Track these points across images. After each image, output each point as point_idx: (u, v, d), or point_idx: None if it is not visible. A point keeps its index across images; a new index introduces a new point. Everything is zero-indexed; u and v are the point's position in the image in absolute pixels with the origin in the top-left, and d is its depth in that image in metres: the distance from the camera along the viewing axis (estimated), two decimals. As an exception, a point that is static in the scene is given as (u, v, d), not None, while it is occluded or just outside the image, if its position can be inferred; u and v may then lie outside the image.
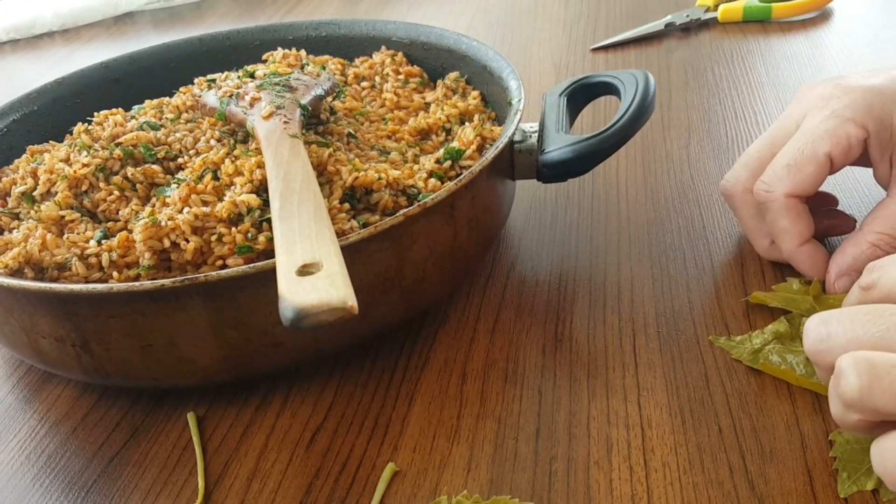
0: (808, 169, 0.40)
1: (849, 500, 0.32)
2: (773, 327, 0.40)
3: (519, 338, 0.43)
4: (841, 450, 0.34)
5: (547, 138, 0.46)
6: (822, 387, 0.37)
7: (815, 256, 0.42)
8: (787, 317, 0.40)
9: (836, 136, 0.40)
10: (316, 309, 0.29)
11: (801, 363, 0.38)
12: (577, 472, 0.35)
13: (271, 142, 0.41)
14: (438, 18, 0.91)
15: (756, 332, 0.40)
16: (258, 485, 0.37)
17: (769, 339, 0.39)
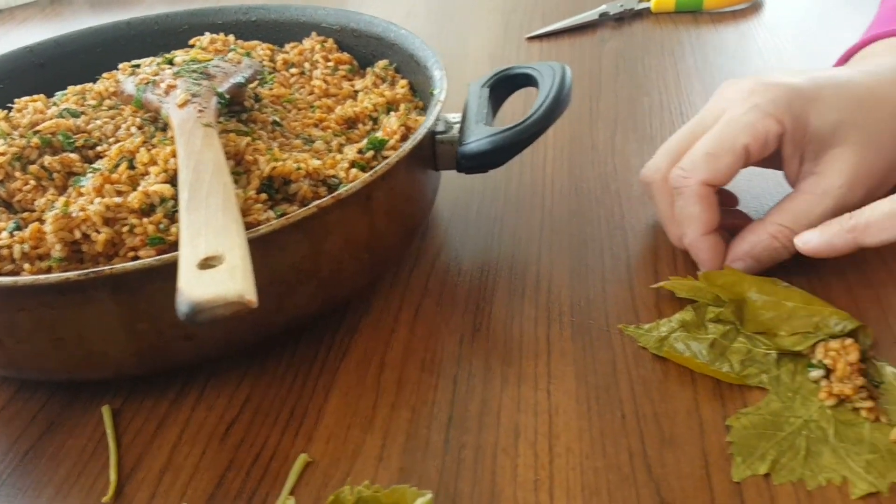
0: (725, 159, 0.41)
1: (742, 483, 0.33)
2: (680, 316, 0.41)
3: (439, 327, 0.44)
4: (737, 435, 0.35)
5: (467, 130, 0.47)
6: (722, 373, 0.38)
7: (716, 247, 0.43)
8: (694, 306, 0.41)
9: (755, 129, 0.41)
10: (211, 303, 0.29)
11: (704, 350, 0.39)
12: (484, 458, 0.36)
13: (184, 131, 0.41)
14: (379, 5, 0.91)
15: (664, 320, 0.41)
16: (170, 477, 0.37)
17: (675, 328, 0.40)
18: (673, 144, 0.45)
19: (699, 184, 0.41)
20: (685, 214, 0.42)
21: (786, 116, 0.41)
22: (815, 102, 0.41)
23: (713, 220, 0.42)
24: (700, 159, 0.41)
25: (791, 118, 0.41)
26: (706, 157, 0.41)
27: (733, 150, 0.41)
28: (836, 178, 0.41)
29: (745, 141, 0.41)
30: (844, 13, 0.76)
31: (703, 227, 0.42)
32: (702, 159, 0.41)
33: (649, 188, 0.46)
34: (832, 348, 0.37)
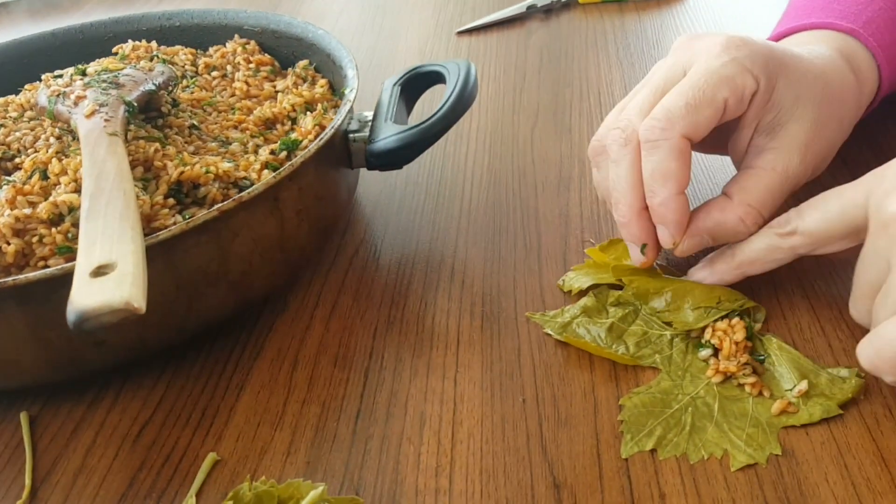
0: (706, 112, 0.38)
1: (629, 460, 0.35)
2: (583, 302, 0.42)
3: (353, 323, 0.45)
4: (628, 413, 0.37)
5: (376, 128, 0.48)
6: (617, 356, 0.39)
7: (686, 210, 0.40)
8: (595, 291, 0.43)
9: (735, 83, 0.39)
10: (97, 311, 0.29)
11: (602, 334, 0.40)
12: (389, 448, 0.37)
13: (89, 141, 0.41)
14: (314, 1, 0.91)
15: (568, 306, 0.43)
16: (84, 480, 0.37)
17: (578, 314, 0.42)
18: (646, 102, 0.41)
19: (680, 136, 0.38)
20: (661, 170, 0.39)
21: (762, 75, 0.39)
22: (785, 69, 0.41)
23: (688, 178, 0.39)
24: (680, 110, 0.38)
25: (765, 78, 0.39)
26: (686, 108, 0.38)
27: (713, 103, 0.38)
28: (795, 156, 0.40)
29: (725, 94, 0.39)
30: (764, 1, 0.78)
31: (680, 184, 0.39)
32: (682, 110, 0.38)
33: (601, 156, 0.42)
34: (719, 328, 0.39)
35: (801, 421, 0.35)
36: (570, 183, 0.54)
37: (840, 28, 0.47)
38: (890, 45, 0.47)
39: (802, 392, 0.36)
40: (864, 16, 0.47)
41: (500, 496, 0.34)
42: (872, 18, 0.47)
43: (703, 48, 0.41)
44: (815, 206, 0.37)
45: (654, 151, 0.39)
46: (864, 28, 0.47)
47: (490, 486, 0.35)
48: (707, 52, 0.40)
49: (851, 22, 0.47)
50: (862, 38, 0.46)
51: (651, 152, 0.39)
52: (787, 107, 0.41)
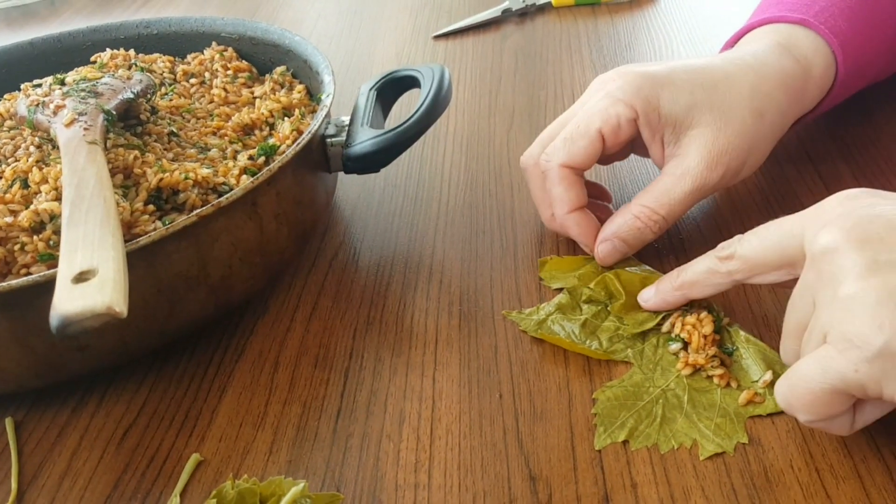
0: (581, 142, 0.44)
1: (602, 451, 0.36)
2: (558, 299, 0.44)
3: (333, 324, 0.46)
4: (601, 406, 0.38)
5: (353, 132, 0.48)
6: (591, 351, 0.41)
7: (583, 223, 0.46)
8: (569, 289, 0.44)
9: (607, 114, 0.44)
10: (80, 316, 0.30)
11: (576, 330, 0.42)
12: (369, 445, 0.38)
13: (69, 149, 0.42)
14: (291, 7, 0.92)
15: (544, 304, 0.44)
16: (69, 482, 0.38)
17: (553, 311, 0.43)
18: (545, 133, 0.48)
19: (559, 166, 0.45)
20: (553, 195, 0.46)
21: (636, 100, 0.43)
22: (667, 87, 0.44)
23: (577, 198, 0.45)
24: (559, 144, 0.45)
25: (641, 102, 0.44)
26: (564, 142, 0.45)
27: (588, 134, 0.44)
28: (694, 159, 0.44)
29: (597, 125, 0.44)
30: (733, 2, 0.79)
31: (568, 205, 0.45)
32: (561, 143, 0.45)
33: (525, 173, 0.49)
34: (689, 322, 0.40)
35: (767, 410, 0.37)
36: (545, 183, 0.55)
37: (788, 20, 0.49)
38: (845, 31, 0.48)
39: (768, 382, 0.37)
40: (815, 6, 0.49)
41: (478, 489, 0.35)
42: (825, 7, 0.49)
43: (593, 87, 0.47)
44: (755, 233, 0.37)
45: (546, 179, 0.46)
46: (815, 17, 0.48)
47: (468, 479, 0.36)
48: (593, 91, 0.46)
49: (802, 13, 0.49)
50: (812, 25, 0.48)
51: (546, 180, 0.46)
52: (680, 118, 0.44)
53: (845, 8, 0.49)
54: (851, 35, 0.49)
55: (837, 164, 0.53)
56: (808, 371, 0.31)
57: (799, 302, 0.34)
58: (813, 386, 0.31)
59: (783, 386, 0.33)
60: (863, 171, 0.52)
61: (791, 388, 0.32)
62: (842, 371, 0.30)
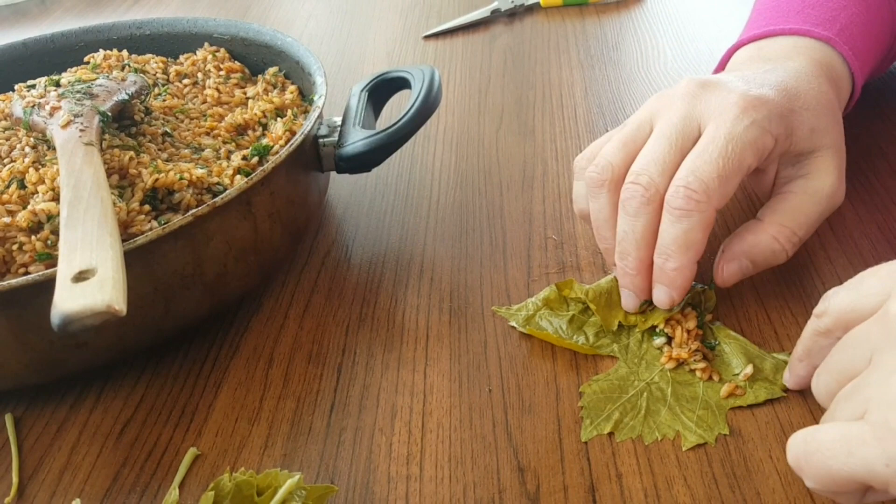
0: (735, 181, 0.39)
1: (588, 443, 0.37)
2: (545, 294, 0.44)
3: (326, 321, 0.47)
4: (588, 399, 0.39)
5: (345, 133, 0.49)
6: (578, 346, 0.42)
7: (693, 276, 0.40)
8: (558, 283, 0.45)
9: (757, 148, 0.39)
10: (81, 314, 0.31)
11: (563, 325, 0.43)
12: (362, 439, 0.39)
13: (66, 150, 0.43)
14: (282, 7, 0.93)
15: (531, 299, 0.45)
16: (69, 477, 0.39)
17: (540, 306, 0.44)
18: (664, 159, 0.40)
19: (713, 210, 0.39)
20: (686, 239, 0.39)
21: (780, 132, 0.40)
22: (795, 114, 0.41)
23: (704, 247, 0.40)
24: (713, 181, 0.38)
25: (784, 133, 0.41)
26: (719, 180, 0.38)
27: (741, 171, 0.39)
28: (825, 179, 0.42)
29: (750, 161, 0.39)
30: (721, 3, 0.81)
31: (698, 253, 0.39)
32: (715, 181, 0.38)
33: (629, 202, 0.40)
34: (673, 318, 0.41)
35: (747, 402, 0.38)
36: (534, 182, 0.56)
37: (817, 36, 0.47)
38: (862, 52, 0.48)
39: (749, 376, 0.39)
40: (838, 23, 0.48)
41: (468, 480, 0.36)
42: (846, 26, 0.48)
43: (717, 107, 0.40)
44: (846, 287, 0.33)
45: (683, 220, 0.39)
46: (839, 35, 0.47)
47: (458, 471, 0.37)
48: (725, 114, 0.40)
49: (827, 30, 0.47)
50: (837, 45, 0.47)
51: (680, 220, 0.39)
52: (805, 143, 0.42)
53: (860, 26, 0.49)
54: (865, 55, 0.49)
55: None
56: (831, 445, 0.28)
57: (855, 348, 0.30)
58: (832, 464, 0.28)
59: (799, 445, 0.29)
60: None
61: (807, 456, 0.29)
62: (871, 461, 0.26)
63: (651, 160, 0.40)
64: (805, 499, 0.34)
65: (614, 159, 0.42)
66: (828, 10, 0.49)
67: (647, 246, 0.40)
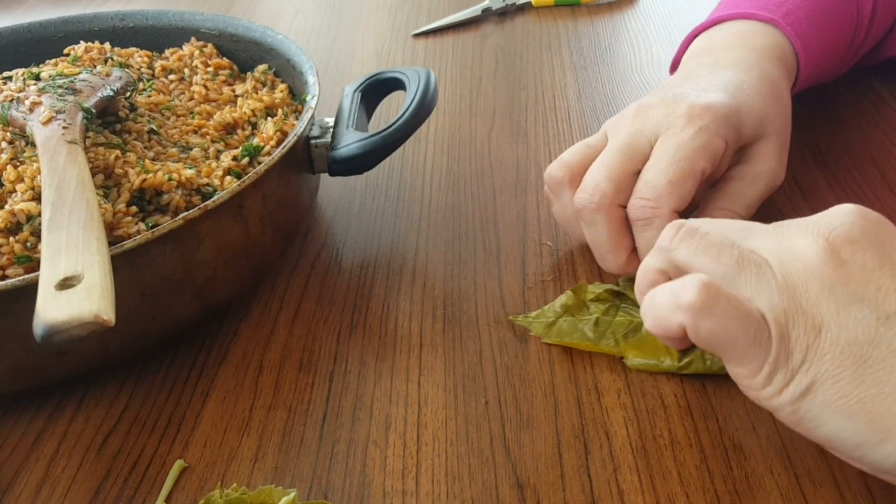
0: (688, 185, 0.41)
1: (589, 459, 0.36)
2: (563, 300, 0.43)
3: (317, 327, 0.45)
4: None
5: (338, 135, 0.48)
6: (610, 349, 0.41)
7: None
8: (573, 288, 0.44)
9: (708, 152, 0.41)
10: (66, 325, 0.29)
11: (589, 329, 0.42)
12: (356, 451, 0.38)
13: (48, 148, 0.41)
14: (268, 2, 0.91)
15: (548, 306, 0.44)
16: (47, 491, 0.37)
17: (560, 312, 0.43)
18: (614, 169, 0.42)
19: (671, 213, 0.40)
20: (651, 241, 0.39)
21: (730, 133, 0.42)
22: (742, 111, 0.43)
23: None
24: (664, 188, 0.40)
25: (733, 134, 0.43)
26: (670, 185, 0.40)
27: (693, 175, 0.41)
28: (766, 163, 0.44)
29: (702, 165, 0.41)
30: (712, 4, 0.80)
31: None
32: (666, 187, 0.40)
33: (595, 214, 0.42)
34: None
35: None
36: (528, 186, 0.55)
37: (761, 18, 0.50)
38: (807, 34, 0.50)
39: None
40: (784, 7, 0.51)
41: (466, 497, 0.35)
42: (792, 10, 0.51)
43: (665, 119, 0.42)
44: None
45: (646, 228, 0.41)
46: (784, 18, 0.50)
47: (456, 487, 0.36)
48: (673, 125, 0.42)
49: (772, 13, 0.50)
50: (781, 26, 0.50)
51: (644, 229, 0.41)
52: (751, 133, 0.44)
53: (807, 11, 0.51)
54: (812, 39, 0.51)
55: (813, 173, 0.54)
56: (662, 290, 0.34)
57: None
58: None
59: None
60: (836, 178, 0.53)
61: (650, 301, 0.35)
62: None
63: (598, 170, 0.42)
64: (808, 517, 0.33)
65: (571, 158, 0.44)
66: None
67: (618, 246, 0.43)
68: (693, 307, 0.31)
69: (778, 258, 0.32)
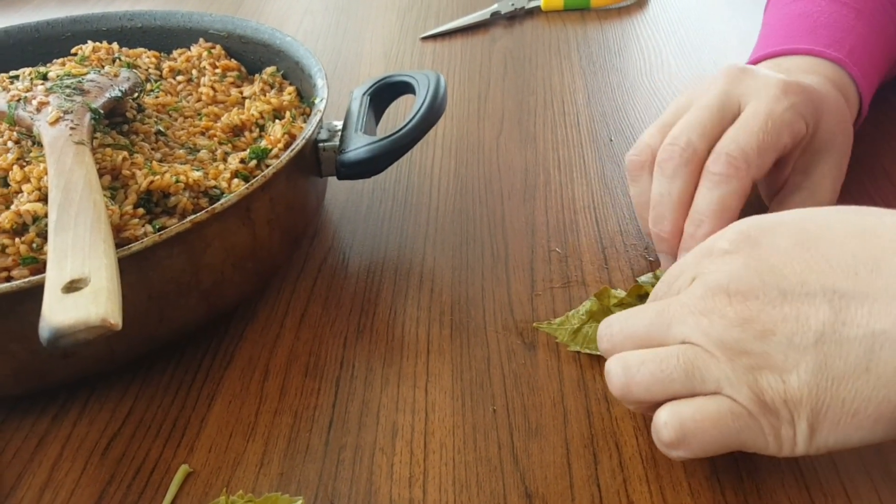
0: (771, 155, 0.40)
1: (599, 469, 0.36)
2: (587, 307, 0.43)
3: (323, 331, 0.45)
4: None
5: (347, 138, 0.48)
6: None
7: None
8: (597, 293, 0.43)
9: (794, 129, 0.41)
10: (73, 328, 0.29)
11: None
12: (362, 458, 0.37)
13: (55, 149, 0.40)
14: (276, 2, 0.91)
15: (572, 312, 0.43)
16: (50, 495, 0.37)
17: (585, 319, 0.42)
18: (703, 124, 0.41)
19: (750, 178, 0.40)
20: (722, 205, 0.40)
21: (811, 120, 0.42)
22: (824, 112, 0.43)
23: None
24: (753, 151, 0.40)
25: (814, 122, 0.42)
26: (758, 151, 0.40)
27: (777, 147, 0.40)
28: (825, 194, 0.44)
29: (786, 140, 0.41)
30: (722, 11, 0.80)
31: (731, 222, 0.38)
32: (755, 151, 0.40)
33: (676, 168, 0.41)
34: None
35: None
36: (536, 192, 0.55)
37: (829, 57, 0.48)
38: (869, 73, 0.49)
39: None
40: (847, 44, 0.49)
41: (473, 505, 0.35)
42: (855, 47, 0.49)
43: (758, 87, 0.42)
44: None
45: (721, 185, 0.40)
46: (849, 57, 0.48)
47: (463, 496, 0.35)
48: (765, 94, 0.41)
49: (837, 51, 0.49)
50: (847, 66, 0.48)
51: (718, 185, 0.40)
52: (822, 145, 0.43)
53: (866, 47, 0.50)
54: (871, 76, 0.50)
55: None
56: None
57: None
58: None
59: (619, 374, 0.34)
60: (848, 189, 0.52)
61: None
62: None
63: (690, 125, 0.41)
64: (820, 531, 0.33)
65: (652, 140, 0.43)
66: (837, 30, 0.50)
67: (683, 209, 0.41)
68: (673, 444, 0.32)
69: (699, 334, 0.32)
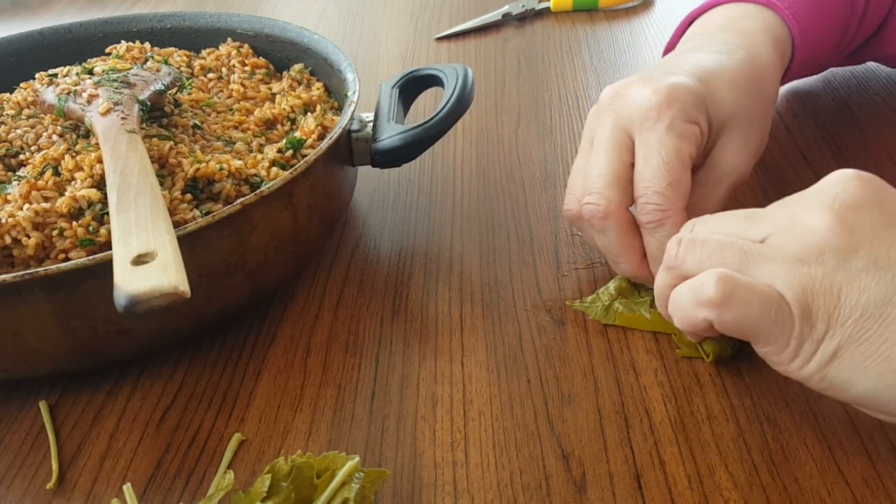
0: (685, 178, 0.41)
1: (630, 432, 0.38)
2: (615, 285, 0.45)
3: (360, 311, 0.47)
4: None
5: (379, 127, 0.50)
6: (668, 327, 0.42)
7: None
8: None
9: (688, 139, 0.41)
10: (148, 295, 0.31)
11: (646, 310, 0.44)
12: (405, 426, 0.39)
13: (109, 137, 0.43)
14: (291, 6, 0.93)
15: (602, 290, 0.45)
16: (111, 463, 0.39)
17: (615, 295, 0.45)
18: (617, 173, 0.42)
19: (679, 213, 0.41)
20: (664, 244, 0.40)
21: (702, 115, 0.42)
22: (707, 99, 0.43)
23: None
24: (667, 190, 0.40)
25: (705, 116, 0.43)
26: (671, 186, 0.40)
27: (685, 167, 0.41)
28: (724, 164, 0.44)
29: (689, 151, 0.41)
30: (725, 10, 0.82)
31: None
32: (668, 190, 0.40)
33: (604, 222, 0.42)
34: None
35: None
36: (556, 181, 0.57)
37: (757, 0, 0.51)
38: (803, 18, 0.51)
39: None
40: None
41: (514, 467, 0.37)
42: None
43: (636, 113, 0.42)
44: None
45: (658, 230, 0.41)
46: (781, 1, 0.50)
47: (503, 458, 0.37)
48: (645, 120, 0.41)
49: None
50: (778, 8, 0.50)
51: (655, 230, 0.41)
52: (718, 126, 0.44)
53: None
54: (808, 24, 0.51)
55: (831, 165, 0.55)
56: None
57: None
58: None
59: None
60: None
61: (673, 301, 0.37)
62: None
63: (598, 176, 0.42)
64: (840, 482, 0.35)
65: (575, 189, 0.44)
66: None
67: (631, 250, 0.43)
68: (713, 302, 0.33)
69: (788, 236, 0.34)
